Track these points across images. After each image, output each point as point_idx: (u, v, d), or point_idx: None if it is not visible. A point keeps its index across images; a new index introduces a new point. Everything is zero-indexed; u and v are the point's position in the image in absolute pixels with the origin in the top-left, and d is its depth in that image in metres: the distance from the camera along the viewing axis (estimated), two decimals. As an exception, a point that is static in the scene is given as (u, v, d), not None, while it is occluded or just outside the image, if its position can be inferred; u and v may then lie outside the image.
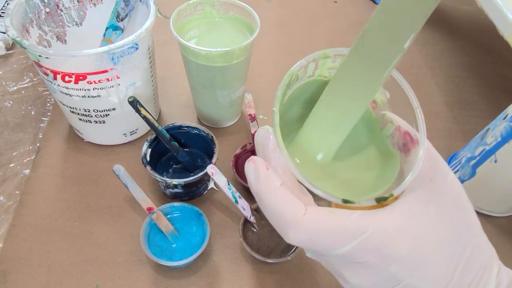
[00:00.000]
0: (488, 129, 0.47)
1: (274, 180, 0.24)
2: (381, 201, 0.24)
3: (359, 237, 0.22)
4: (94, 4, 0.54)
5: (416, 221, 0.23)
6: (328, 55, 0.26)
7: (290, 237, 0.23)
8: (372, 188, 0.27)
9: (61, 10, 0.53)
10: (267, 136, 0.25)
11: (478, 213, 0.51)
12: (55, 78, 0.44)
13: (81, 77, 0.44)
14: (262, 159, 0.25)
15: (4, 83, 0.63)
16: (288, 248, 0.44)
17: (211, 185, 0.51)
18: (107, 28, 0.52)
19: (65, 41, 0.55)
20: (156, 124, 0.46)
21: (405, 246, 0.22)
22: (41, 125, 0.58)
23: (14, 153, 0.54)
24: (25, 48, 0.42)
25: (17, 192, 0.50)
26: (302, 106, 0.30)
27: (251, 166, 0.25)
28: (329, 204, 0.25)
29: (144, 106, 0.46)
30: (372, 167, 0.28)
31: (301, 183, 0.24)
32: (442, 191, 0.24)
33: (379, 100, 0.28)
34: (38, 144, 0.55)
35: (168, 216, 0.45)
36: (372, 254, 0.22)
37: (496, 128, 0.45)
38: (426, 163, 0.24)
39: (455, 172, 0.53)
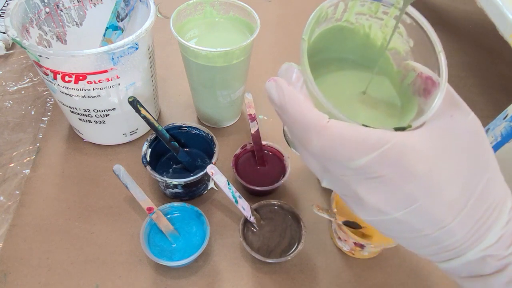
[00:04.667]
0: (488, 129, 0.48)
1: (297, 93, 0.24)
2: (399, 131, 0.24)
3: (380, 147, 0.22)
4: (94, 4, 0.54)
5: (435, 144, 0.23)
6: None
7: (313, 144, 0.23)
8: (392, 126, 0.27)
9: (61, 10, 0.53)
10: (291, 69, 0.25)
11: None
12: (55, 78, 0.44)
13: (81, 77, 0.44)
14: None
15: (4, 83, 0.63)
16: (288, 248, 0.44)
17: (211, 185, 0.51)
18: (107, 28, 0.52)
19: (65, 41, 0.55)
20: (156, 124, 0.46)
21: (424, 164, 0.22)
22: (41, 125, 0.58)
23: (14, 153, 0.54)
24: (25, 48, 0.42)
25: (17, 192, 0.50)
26: (324, 53, 0.30)
27: (272, 84, 0.25)
28: None
29: (144, 106, 0.46)
30: (392, 113, 0.29)
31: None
32: (462, 126, 0.24)
33: (402, 50, 0.29)
34: (38, 144, 0.55)
35: (168, 216, 0.45)
36: (391, 167, 0.22)
37: (496, 128, 0.46)
38: (448, 103, 0.25)
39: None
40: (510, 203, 0.25)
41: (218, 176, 0.43)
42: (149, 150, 0.49)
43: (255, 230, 0.46)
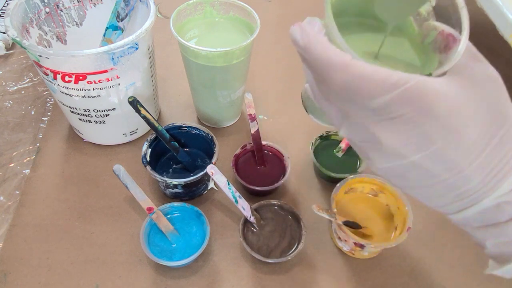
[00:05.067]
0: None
1: (322, 35, 0.25)
2: None
3: (402, 86, 0.22)
4: (94, 4, 0.55)
5: (456, 89, 0.23)
6: None
7: (337, 80, 0.23)
8: None
9: (61, 10, 0.53)
10: (313, 21, 0.26)
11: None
12: (55, 78, 0.44)
13: (81, 77, 0.44)
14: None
15: (4, 83, 0.63)
16: (288, 248, 0.44)
17: (211, 185, 0.51)
18: (107, 28, 0.52)
19: (65, 41, 0.55)
20: (156, 124, 0.46)
21: (444, 105, 0.23)
22: (41, 125, 0.58)
23: (14, 153, 0.54)
24: (25, 48, 0.42)
25: (17, 192, 0.50)
26: (344, 16, 0.30)
27: (297, 28, 0.25)
28: None
29: (144, 106, 0.46)
30: (413, 71, 0.29)
31: None
32: (483, 76, 0.24)
33: (424, 10, 0.29)
34: (38, 144, 0.55)
35: (168, 216, 0.45)
36: (410, 106, 0.22)
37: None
38: (468, 56, 0.25)
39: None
40: None
41: (218, 176, 0.43)
42: (149, 150, 0.49)
43: (255, 230, 0.46)
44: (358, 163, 0.53)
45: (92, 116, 0.50)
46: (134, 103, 0.45)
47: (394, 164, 0.25)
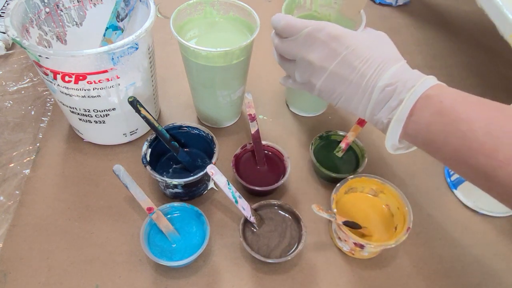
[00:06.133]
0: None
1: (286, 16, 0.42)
2: None
3: (315, 24, 0.39)
4: (94, 4, 0.55)
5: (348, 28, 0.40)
6: None
7: (280, 22, 0.41)
8: None
9: (61, 10, 0.53)
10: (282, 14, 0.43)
11: (478, 213, 0.51)
12: (55, 78, 0.44)
13: (81, 77, 0.44)
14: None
15: (4, 83, 0.63)
16: (288, 248, 0.44)
17: (211, 185, 0.51)
18: (107, 28, 0.52)
19: (65, 41, 0.55)
20: (156, 124, 0.46)
21: (340, 30, 0.39)
22: (41, 125, 0.58)
23: (14, 153, 0.54)
24: (25, 48, 0.42)
25: (17, 192, 0.50)
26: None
27: (278, 15, 0.43)
28: None
29: (144, 106, 0.46)
30: None
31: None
32: (372, 31, 0.42)
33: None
34: (38, 144, 0.55)
35: (168, 216, 0.45)
36: (320, 32, 0.39)
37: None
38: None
39: (454, 172, 0.53)
40: (404, 61, 0.38)
41: (218, 176, 0.43)
42: (149, 150, 0.49)
43: (255, 230, 0.46)
44: (358, 163, 0.53)
45: (92, 116, 0.50)
46: (134, 103, 0.45)
47: (323, 77, 0.39)
